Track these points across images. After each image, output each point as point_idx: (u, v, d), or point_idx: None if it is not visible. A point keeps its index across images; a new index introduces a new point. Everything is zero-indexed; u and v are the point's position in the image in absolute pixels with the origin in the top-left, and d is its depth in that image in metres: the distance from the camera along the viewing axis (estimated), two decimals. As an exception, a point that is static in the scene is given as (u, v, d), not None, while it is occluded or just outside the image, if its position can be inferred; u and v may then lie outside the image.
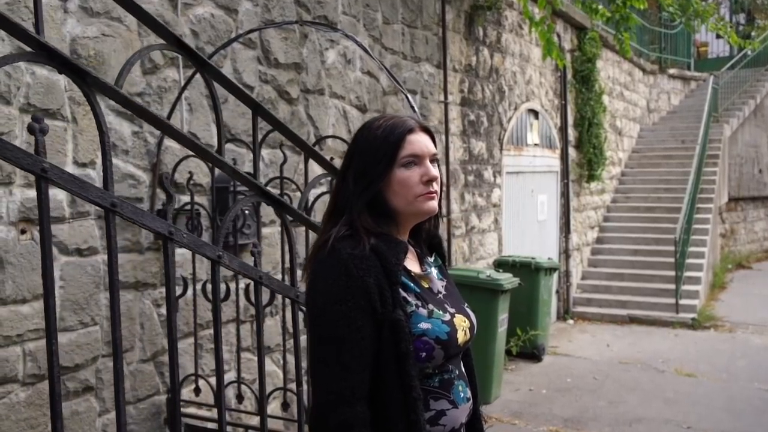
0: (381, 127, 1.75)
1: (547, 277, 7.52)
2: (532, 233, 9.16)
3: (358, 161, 1.75)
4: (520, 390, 6.49)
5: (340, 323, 1.60)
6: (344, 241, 1.67)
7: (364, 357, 1.62)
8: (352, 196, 1.73)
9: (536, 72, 9.17)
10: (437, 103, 6.81)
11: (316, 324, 1.65)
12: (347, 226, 1.70)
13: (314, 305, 1.66)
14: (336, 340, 1.60)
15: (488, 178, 7.93)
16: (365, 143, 1.75)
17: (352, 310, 1.60)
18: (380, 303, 1.63)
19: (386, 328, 1.64)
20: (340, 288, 1.61)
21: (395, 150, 1.73)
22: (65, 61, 1.64)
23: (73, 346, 3.46)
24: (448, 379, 1.75)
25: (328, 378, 1.61)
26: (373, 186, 1.73)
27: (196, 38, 4.17)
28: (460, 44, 7.24)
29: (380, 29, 5.92)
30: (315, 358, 1.65)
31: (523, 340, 7.28)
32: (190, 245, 1.92)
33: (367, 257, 1.65)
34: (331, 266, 1.64)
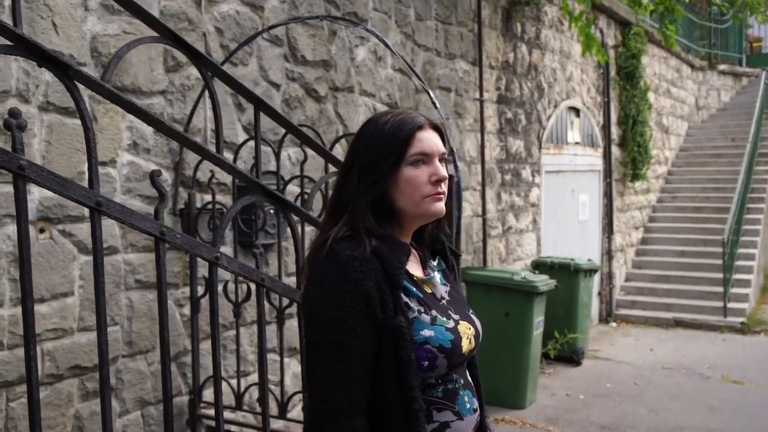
0: (388, 122, 1.65)
1: (586, 279, 7.32)
2: (573, 234, 8.95)
3: (363, 157, 1.64)
4: (557, 395, 6.32)
5: (338, 329, 1.51)
6: (344, 242, 1.58)
7: (363, 366, 1.52)
8: (356, 193, 1.63)
9: (577, 69, 8.95)
10: (472, 101, 6.68)
11: (313, 329, 1.56)
12: (347, 226, 1.61)
13: (310, 310, 1.57)
14: (334, 347, 1.52)
15: (526, 177, 7.75)
16: (371, 138, 1.65)
17: (351, 316, 1.51)
18: (381, 308, 1.53)
19: (387, 335, 1.54)
20: (338, 292, 1.52)
21: (404, 147, 1.63)
22: (44, 54, 1.58)
23: (92, 345, 3.43)
24: (452, 389, 1.65)
25: (324, 387, 1.52)
26: (380, 184, 1.63)
27: (221, 35, 4.12)
28: (496, 41, 7.09)
29: (412, 26, 5.81)
30: (310, 365, 1.56)
31: (561, 344, 7.10)
32: (184, 246, 1.85)
33: (368, 260, 1.55)
34: (329, 268, 1.55)
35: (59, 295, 3.30)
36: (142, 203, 3.68)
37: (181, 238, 1.83)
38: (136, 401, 3.65)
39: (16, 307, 3.12)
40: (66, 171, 3.30)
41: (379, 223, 1.64)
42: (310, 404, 1.55)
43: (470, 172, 6.67)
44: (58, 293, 3.29)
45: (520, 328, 5.79)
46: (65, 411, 3.32)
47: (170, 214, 3.82)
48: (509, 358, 5.83)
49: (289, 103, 4.59)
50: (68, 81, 1.66)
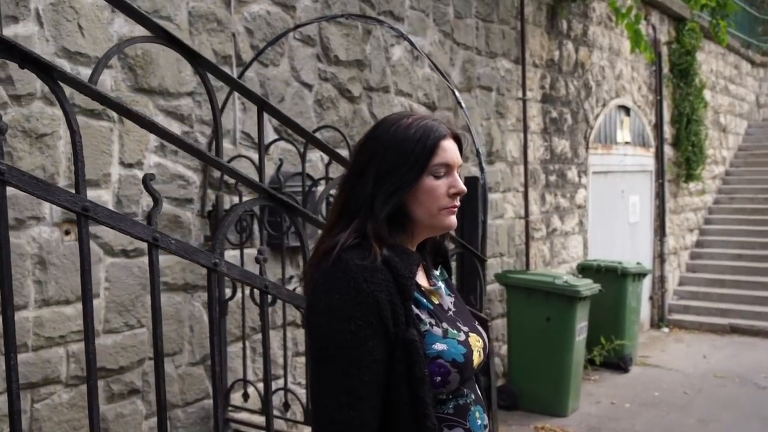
0: (413, 127, 1.55)
1: (635, 283, 7.09)
2: (623, 236, 8.69)
3: (383, 161, 1.53)
4: (601, 403, 6.12)
5: (349, 343, 1.41)
6: (352, 250, 1.48)
7: (375, 382, 1.42)
8: (371, 198, 1.53)
9: (627, 66, 8.70)
10: (515, 100, 6.53)
11: (320, 343, 1.45)
12: (356, 233, 1.51)
13: (317, 323, 1.46)
14: (343, 362, 1.41)
15: (572, 178, 7.56)
16: (393, 142, 1.54)
17: (362, 329, 1.41)
18: (393, 321, 1.44)
19: (398, 348, 1.44)
20: (348, 303, 1.42)
21: (429, 156, 1.54)
22: (26, 55, 1.54)
23: (118, 348, 3.43)
24: (463, 405, 1.56)
25: (333, 406, 1.41)
26: (402, 192, 1.53)
27: (251, 36, 4.09)
28: (540, 38, 6.92)
29: (452, 24, 5.70)
30: (317, 382, 1.45)
31: (608, 350, 6.88)
32: (180, 252, 1.79)
33: (379, 270, 1.45)
34: (337, 278, 1.44)
35: (84, 297, 3.29)
36: (170, 205, 3.67)
37: (176, 243, 1.78)
38: (163, 404, 3.63)
39: (40, 309, 3.14)
40: (91, 173, 3.31)
41: (389, 232, 1.56)
42: (316, 424, 1.46)
43: (512, 173, 6.52)
44: (83, 295, 3.29)
45: (562, 334, 5.63)
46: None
47: (198, 216, 3.80)
48: (550, 364, 5.67)
49: (321, 104, 4.53)
50: (52, 83, 1.62)
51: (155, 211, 1.71)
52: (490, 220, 6.21)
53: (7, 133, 3.01)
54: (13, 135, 3.03)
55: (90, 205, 1.61)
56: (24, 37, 3.06)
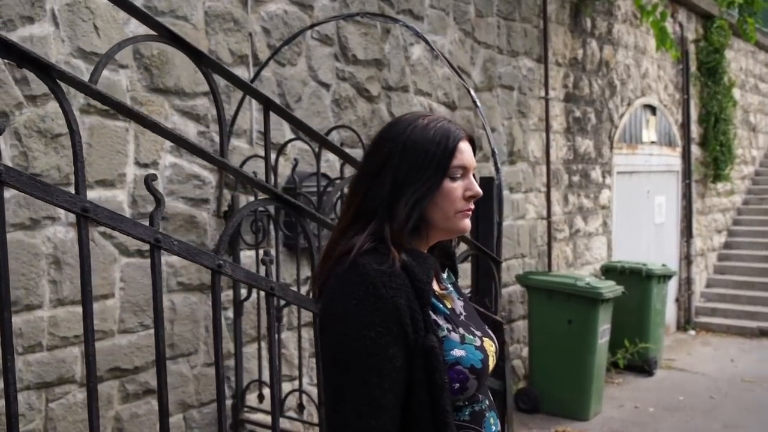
0: (431, 128, 1.52)
1: (660, 285, 6.97)
2: (648, 237, 8.56)
3: (402, 162, 1.49)
4: (625, 407, 6.03)
5: (368, 351, 1.36)
6: (368, 254, 1.43)
7: (395, 391, 1.38)
8: (389, 200, 1.49)
9: (653, 65, 8.57)
10: (537, 100, 6.45)
11: (338, 351, 1.40)
12: (372, 236, 1.47)
13: (335, 330, 1.41)
14: (363, 370, 1.37)
15: (596, 178, 7.46)
16: (411, 143, 1.50)
17: (382, 336, 1.37)
18: (412, 327, 1.40)
19: (418, 356, 1.40)
20: (367, 310, 1.37)
21: (450, 159, 1.51)
22: (24, 54, 1.52)
23: (132, 348, 3.43)
24: (479, 411, 1.53)
25: (353, 415, 1.36)
26: (428, 196, 1.50)
27: (268, 35, 4.07)
28: (564, 36, 6.84)
29: (472, 22, 5.65)
30: (335, 391, 1.40)
31: (632, 353, 6.78)
32: (182, 253, 1.77)
33: (397, 275, 1.41)
34: (355, 284, 1.40)
35: (99, 297, 3.30)
36: (186, 205, 3.67)
37: (179, 245, 1.75)
38: (178, 404, 3.63)
39: (56, 309, 3.14)
40: (106, 173, 3.31)
41: None
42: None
43: (534, 173, 6.45)
44: (98, 295, 3.30)
45: (584, 336, 5.55)
46: (105, 413, 3.32)
47: (214, 216, 3.79)
48: (572, 367, 5.59)
49: (339, 103, 4.51)
50: (51, 83, 1.60)
51: (157, 212, 1.69)
52: (512, 221, 6.15)
53: (23, 134, 3.03)
54: (29, 135, 3.04)
55: (90, 205, 1.60)
56: (39, 38, 3.08)
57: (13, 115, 2.98)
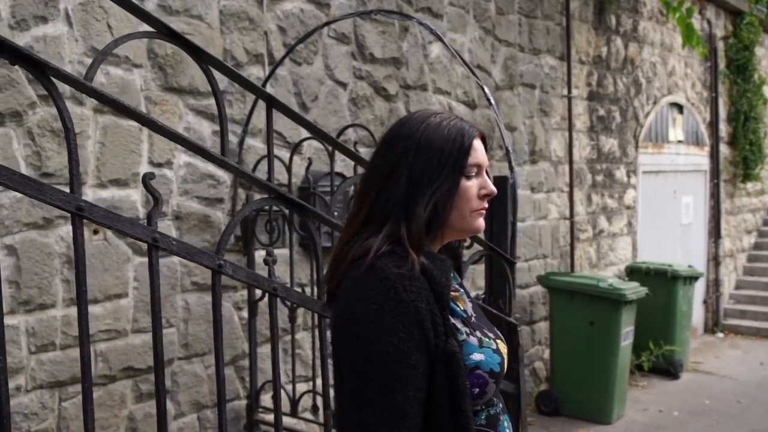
0: (445, 126, 1.48)
1: (686, 287, 6.84)
2: (675, 238, 8.42)
3: (417, 161, 1.45)
4: (648, 410, 5.92)
5: (391, 357, 1.32)
6: (386, 257, 1.39)
7: (417, 398, 1.34)
8: (404, 201, 1.44)
9: (680, 62, 8.42)
10: (559, 98, 6.36)
11: (358, 358, 1.35)
12: (388, 239, 1.42)
13: (354, 335, 1.36)
14: (386, 378, 1.32)
15: (620, 177, 7.34)
16: (426, 141, 1.46)
17: (404, 342, 1.33)
18: (433, 332, 1.36)
19: (439, 361, 1.36)
20: (388, 314, 1.33)
21: (465, 156, 1.48)
22: (17, 51, 1.50)
23: (146, 347, 3.43)
24: (494, 415, 1.51)
25: (376, 424, 1.32)
26: (449, 196, 1.46)
27: (284, 34, 4.05)
28: (587, 34, 6.74)
29: (493, 20, 5.58)
30: (357, 400, 1.35)
31: (656, 355, 6.66)
32: (181, 253, 1.75)
33: (417, 278, 1.37)
34: (373, 288, 1.36)
35: (113, 296, 3.30)
36: (200, 205, 3.66)
37: (177, 244, 1.73)
38: (192, 404, 3.63)
39: (69, 308, 3.14)
40: (120, 172, 3.31)
41: None
42: None
43: (557, 173, 6.36)
44: (112, 294, 3.30)
45: (606, 338, 5.45)
46: (118, 412, 3.32)
47: (229, 216, 3.78)
48: (594, 370, 5.50)
49: (356, 102, 4.48)
50: (46, 80, 1.58)
51: (155, 211, 1.66)
52: (533, 221, 6.07)
53: (36, 133, 3.04)
54: (42, 134, 3.04)
55: (85, 204, 1.58)
56: (53, 37, 3.08)
57: (26, 115, 2.99)
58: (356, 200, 1.53)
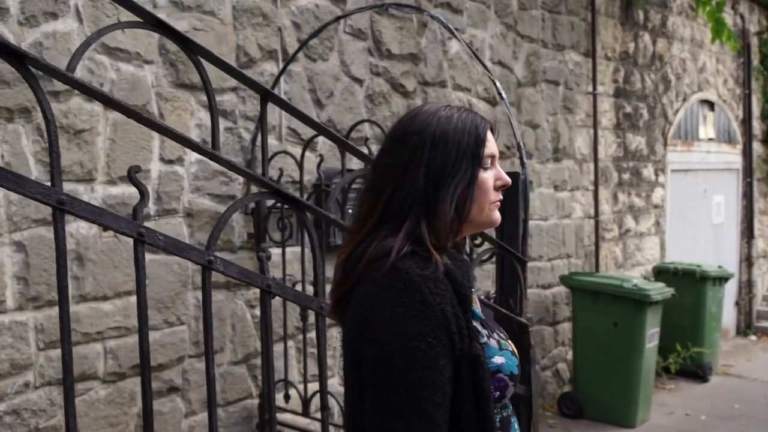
0: (458, 118, 1.44)
1: (715, 288, 6.67)
2: (705, 238, 8.23)
3: (435, 155, 1.39)
4: (675, 414, 5.78)
5: (420, 364, 1.27)
6: (408, 258, 1.33)
7: (445, 404, 1.30)
8: (423, 197, 1.38)
9: (712, 58, 8.23)
10: (584, 95, 6.25)
11: (384, 364, 1.29)
12: (408, 238, 1.36)
13: (378, 340, 1.30)
14: (414, 384, 1.27)
15: (648, 176, 7.19)
16: (442, 135, 1.41)
17: (432, 347, 1.28)
18: (458, 336, 1.32)
19: (464, 365, 1.32)
20: (415, 319, 1.28)
21: (482, 147, 1.44)
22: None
23: (156, 345, 3.41)
24: (506, 417, 1.49)
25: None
26: (470, 190, 1.41)
27: (298, 30, 4.01)
28: (614, 30, 6.61)
29: (515, 15, 5.49)
30: (384, 408, 1.29)
31: (684, 358, 6.50)
32: (169, 248, 1.71)
33: (441, 280, 1.32)
34: (398, 291, 1.30)
35: (123, 293, 3.29)
36: (212, 202, 3.63)
37: (165, 239, 1.69)
38: (203, 402, 3.60)
39: (78, 305, 3.14)
40: (130, 169, 3.29)
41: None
42: None
43: (581, 171, 6.24)
44: (122, 291, 3.29)
45: (630, 340, 5.33)
46: (128, 410, 3.31)
47: (241, 213, 3.75)
48: (618, 372, 5.38)
49: (372, 99, 4.42)
50: (25, 71, 1.55)
51: (141, 205, 1.63)
52: (557, 219, 5.97)
53: (45, 129, 3.02)
54: (51, 131, 3.03)
55: (66, 198, 1.54)
56: (63, 34, 3.08)
57: (35, 111, 2.99)
58: (367, 198, 1.46)
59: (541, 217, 5.80)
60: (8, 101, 2.91)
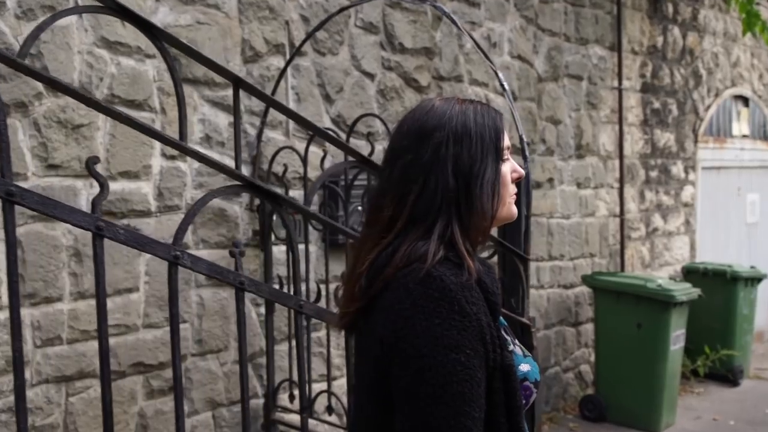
0: (475, 111, 1.37)
1: (747, 289, 6.45)
2: (739, 237, 7.99)
3: (461, 151, 1.32)
4: (702, 419, 5.59)
5: (459, 377, 1.21)
6: (440, 265, 1.26)
7: (482, 419, 1.24)
8: (457, 196, 1.31)
9: (746, 53, 7.98)
10: (609, 90, 6.08)
11: (422, 379, 1.22)
12: (441, 242, 1.28)
13: (417, 353, 1.22)
14: (455, 399, 1.21)
15: (677, 173, 6.99)
16: (464, 129, 1.34)
17: (471, 359, 1.22)
18: (492, 346, 1.26)
19: (497, 376, 1.27)
20: (454, 330, 1.21)
21: (502, 140, 1.38)
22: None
23: (158, 343, 3.37)
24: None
25: None
26: (496, 185, 1.35)
27: (307, 24, 3.94)
28: (641, 23, 6.42)
29: (536, 8, 5.35)
30: (423, 425, 1.22)
31: (713, 360, 6.30)
32: (130, 242, 1.64)
33: (475, 288, 1.26)
34: (434, 300, 1.23)
35: (123, 290, 3.25)
36: (216, 198, 3.56)
37: (126, 233, 1.63)
38: (207, 402, 3.55)
39: (76, 302, 3.10)
40: (130, 164, 3.26)
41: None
42: None
43: (605, 168, 6.08)
44: (122, 289, 3.25)
45: (654, 342, 5.16)
46: (128, 408, 3.27)
47: (246, 210, 3.69)
48: (641, 375, 5.22)
49: (384, 94, 4.33)
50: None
51: (100, 198, 1.57)
52: (579, 218, 5.82)
53: (42, 124, 3.00)
54: (48, 126, 3.00)
55: (16, 189, 1.49)
56: (61, 27, 3.04)
57: (32, 106, 2.95)
58: (389, 202, 1.35)
59: (562, 216, 5.65)
60: (5, 95, 2.87)
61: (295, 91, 3.89)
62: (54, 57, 3.02)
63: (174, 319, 1.77)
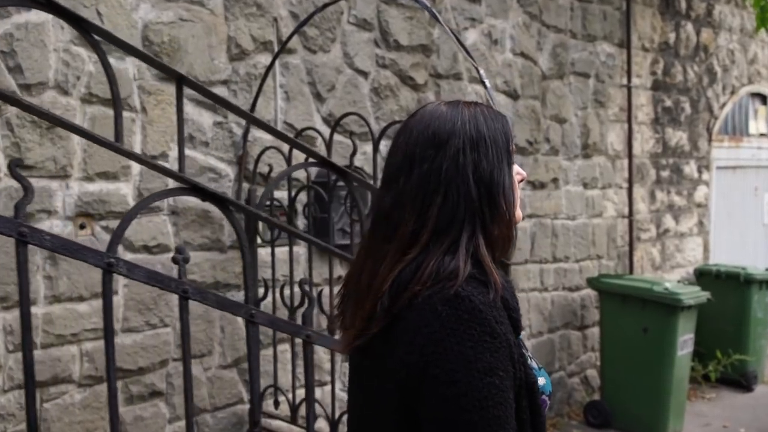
0: (483, 114, 1.31)
1: (762, 291, 6.26)
2: (755, 239, 7.78)
3: (480, 157, 1.26)
4: (711, 426, 5.42)
5: (494, 401, 1.16)
6: (466, 283, 1.20)
7: None
8: (480, 206, 1.24)
9: (764, 49, 7.77)
10: (618, 88, 5.92)
11: (456, 405, 1.16)
12: (467, 257, 1.21)
13: (450, 379, 1.16)
14: (490, 425, 1.16)
15: (690, 173, 6.80)
16: (479, 134, 1.27)
17: (504, 381, 1.17)
18: (517, 364, 1.23)
19: (523, 394, 1.23)
20: (486, 352, 1.16)
21: (512, 144, 1.33)
22: None
23: (137, 348, 3.30)
24: None
25: None
26: (512, 190, 1.30)
27: (296, 21, 3.83)
28: (652, 19, 6.25)
29: (540, 4, 5.22)
30: None
31: (725, 365, 6.12)
32: (58, 249, 1.56)
33: (500, 306, 1.22)
34: (463, 321, 1.17)
35: (100, 294, 3.16)
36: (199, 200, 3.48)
37: (52, 240, 1.54)
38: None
39: (51, 306, 3.04)
40: (108, 165, 3.19)
41: None
42: None
43: (614, 168, 5.92)
44: (99, 292, 3.14)
45: (661, 347, 5.01)
46: (105, 414, 3.19)
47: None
48: (647, 381, 5.07)
49: (378, 92, 4.23)
50: None
51: (23, 203, 1.48)
52: (586, 219, 5.67)
53: (15, 124, 2.94)
54: (22, 125, 2.94)
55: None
56: (36, 24, 2.97)
57: (5, 105, 2.89)
58: (408, 216, 1.26)
59: (568, 216, 5.51)
60: (-24, 95, 2.82)
61: (284, 89, 3.80)
62: (28, 55, 2.95)
63: (108, 326, 1.67)
